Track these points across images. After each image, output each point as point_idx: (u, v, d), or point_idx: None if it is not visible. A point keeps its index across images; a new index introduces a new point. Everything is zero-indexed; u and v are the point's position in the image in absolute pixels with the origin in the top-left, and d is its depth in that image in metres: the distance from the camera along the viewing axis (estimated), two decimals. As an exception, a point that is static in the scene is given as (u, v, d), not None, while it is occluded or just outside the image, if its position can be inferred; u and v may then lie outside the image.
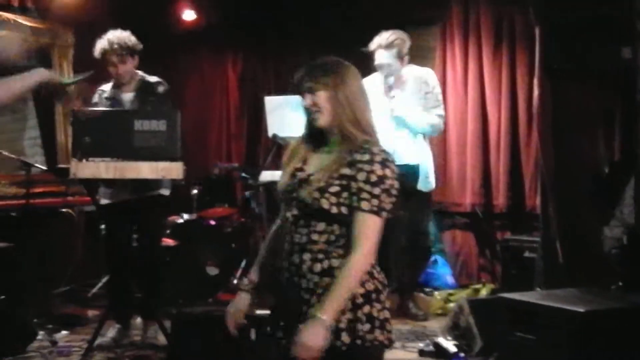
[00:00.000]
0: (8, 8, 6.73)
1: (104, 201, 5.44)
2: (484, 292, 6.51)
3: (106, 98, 5.44)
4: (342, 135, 2.73)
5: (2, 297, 5.27)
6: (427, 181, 6.05)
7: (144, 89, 5.43)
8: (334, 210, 2.64)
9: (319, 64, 2.80)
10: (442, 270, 7.18)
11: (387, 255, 6.31)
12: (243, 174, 7.38)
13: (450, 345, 4.90)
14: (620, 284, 4.87)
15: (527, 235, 6.54)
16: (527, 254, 6.24)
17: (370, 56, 5.91)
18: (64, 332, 5.71)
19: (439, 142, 7.04)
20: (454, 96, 7.25)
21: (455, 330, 5.03)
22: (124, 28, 5.42)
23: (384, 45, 5.84)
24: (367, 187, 2.62)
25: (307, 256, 2.69)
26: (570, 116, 5.63)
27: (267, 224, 7.20)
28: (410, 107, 5.89)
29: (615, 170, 5.51)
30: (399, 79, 5.95)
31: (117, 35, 5.34)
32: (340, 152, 2.71)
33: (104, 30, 5.48)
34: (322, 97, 2.72)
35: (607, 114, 5.64)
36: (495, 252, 7.07)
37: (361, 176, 2.63)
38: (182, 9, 8.28)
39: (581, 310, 3.94)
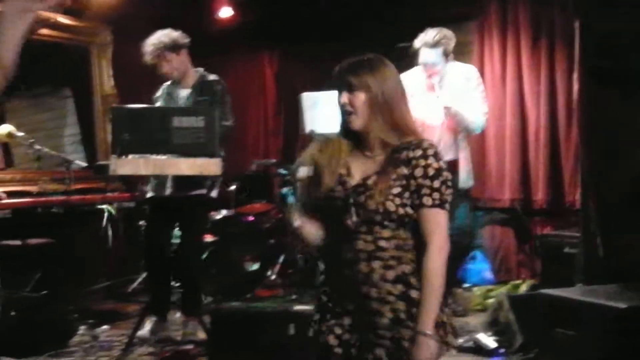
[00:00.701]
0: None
1: (149, 194, 5.49)
2: (523, 288, 6.47)
3: (166, 93, 5.52)
4: (380, 140, 2.67)
5: (44, 292, 5.33)
6: (468, 178, 6.04)
7: (201, 86, 5.46)
8: (400, 211, 2.58)
9: (361, 62, 2.70)
10: (481, 266, 7.14)
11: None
12: (280, 170, 7.40)
13: (490, 341, 4.87)
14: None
15: (567, 230, 6.48)
16: (567, 250, 6.18)
17: (406, 53, 5.88)
18: (104, 327, 5.78)
19: (478, 137, 6.98)
20: (492, 91, 7.19)
21: (495, 326, 5.01)
22: (160, 26, 5.46)
23: (430, 43, 5.76)
24: (427, 182, 2.58)
25: (377, 264, 2.60)
26: (611, 112, 5.57)
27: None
28: (456, 104, 5.86)
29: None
30: (443, 75, 5.92)
31: (155, 36, 5.40)
32: (386, 154, 2.66)
33: (142, 29, 5.52)
34: (361, 98, 2.64)
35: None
36: (535, 248, 7.02)
37: (418, 172, 2.59)
38: (219, 7, 8.30)
39: (622, 306, 3.90)
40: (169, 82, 5.56)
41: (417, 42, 5.83)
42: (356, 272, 2.62)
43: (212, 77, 5.53)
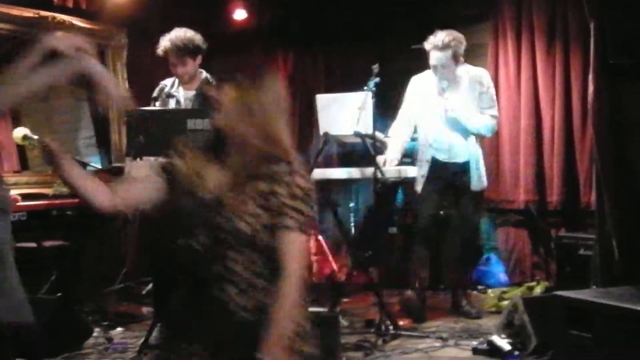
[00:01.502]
0: (63, 10, 6.83)
1: None
2: (538, 290, 6.44)
3: (166, 94, 5.47)
4: (244, 146, 2.48)
5: (59, 294, 5.34)
6: (480, 181, 6.02)
7: (206, 91, 5.43)
8: (252, 233, 2.37)
9: (255, 65, 2.65)
10: (496, 268, 7.12)
11: (440, 253, 6.31)
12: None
13: (504, 343, 4.85)
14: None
15: (582, 232, 6.46)
16: (582, 251, 6.16)
17: (421, 53, 5.87)
18: (119, 329, 5.78)
19: (492, 139, 6.96)
20: (507, 93, 7.18)
21: (510, 328, 4.98)
22: (175, 28, 5.44)
23: (439, 46, 5.75)
24: (290, 202, 2.39)
25: (231, 289, 2.38)
26: (626, 112, 5.54)
27: (318, 222, 7.20)
28: (464, 108, 5.84)
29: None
30: (453, 79, 5.90)
31: (179, 36, 5.32)
32: (245, 165, 2.46)
33: (157, 31, 5.51)
34: (231, 95, 2.48)
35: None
36: (550, 250, 7.00)
37: (282, 190, 2.39)
38: (233, 9, 8.30)
39: (638, 308, 3.88)
40: (167, 83, 5.51)
41: (427, 45, 5.81)
42: (209, 297, 2.40)
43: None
